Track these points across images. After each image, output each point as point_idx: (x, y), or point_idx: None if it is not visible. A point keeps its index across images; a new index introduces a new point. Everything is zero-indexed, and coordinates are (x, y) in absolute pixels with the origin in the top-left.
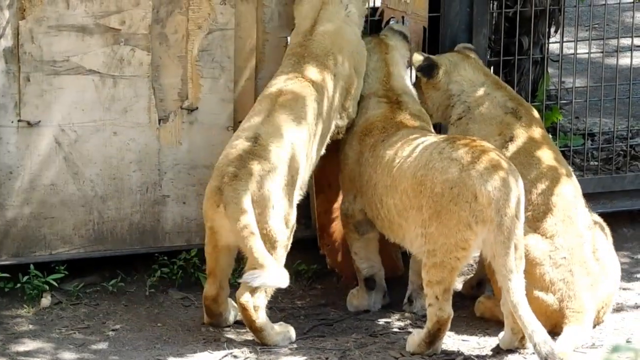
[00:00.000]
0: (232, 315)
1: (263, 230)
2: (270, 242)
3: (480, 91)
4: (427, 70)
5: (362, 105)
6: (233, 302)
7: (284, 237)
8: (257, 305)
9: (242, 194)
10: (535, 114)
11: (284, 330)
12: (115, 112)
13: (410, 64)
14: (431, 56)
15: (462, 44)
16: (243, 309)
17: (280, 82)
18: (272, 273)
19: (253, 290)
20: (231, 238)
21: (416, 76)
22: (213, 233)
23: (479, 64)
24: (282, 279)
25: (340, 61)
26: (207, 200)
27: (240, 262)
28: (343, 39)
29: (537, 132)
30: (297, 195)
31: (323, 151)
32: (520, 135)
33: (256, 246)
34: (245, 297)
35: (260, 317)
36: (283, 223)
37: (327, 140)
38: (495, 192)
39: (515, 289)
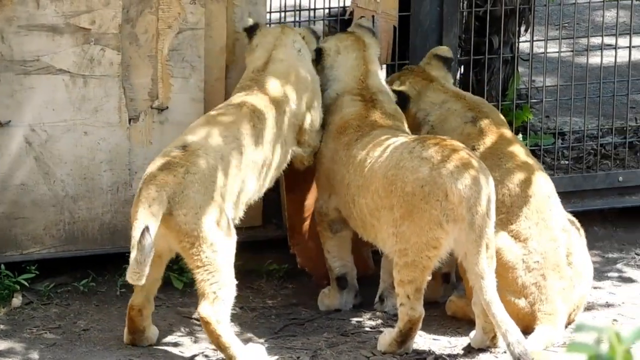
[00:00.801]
0: (156, 335)
1: (194, 232)
2: (206, 244)
3: (442, 109)
4: (402, 105)
5: (337, 104)
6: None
7: (220, 238)
8: (219, 318)
9: (155, 193)
10: (499, 116)
11: (255, 349)
12: (86, 112)
13: (381, 65)
14: (402, 89)
15: (436, 50)
16: (205, 323)
17: (223, 106)
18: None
19: (211, 302)
20: (162, 244)
21: None
22: None
23: (440, 84)
24: None
25: (291, 98)
26: (132, 206)
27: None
28: (296, 77)
29: (503, 134)
30: (231, 211)
31: (268, 182)
32: (484, 142)
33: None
34: (205, 310)
35: (226, 331)
36: (215, 225)
37: (275, 170)
38: (465, 191)
39: (487, 287)
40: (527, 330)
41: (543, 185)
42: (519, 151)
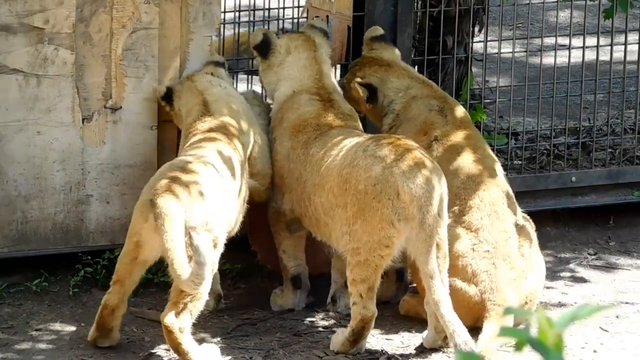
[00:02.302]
0: (118, 337)
1: (192, 245)
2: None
3: (407, 96)
4: (372, 98)
5: (294, 101)
6: None
7: (209, 256)
8: (182, 327)
9: (174, 206)
10: (462, 110)
11: (209, 349)
12: (39, 112)
13: (335, 65)
14: (367, 82)
15: (368, 34)
16: (168, 331)
17: (195, 141)
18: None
19: (178, 312)
20: (154, 252)
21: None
22: (137, 247)
23: (402, 69)
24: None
25: (242, 130)
26: (135, 214)
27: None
28: (237, 109)
29: (464, 127)
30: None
31: (236, 217)
32: (446, 133)
33: (177, 256)
34: (169, 319)
35: (186, 339)
36: (211, 243)
37: (242, 205)
38: (417, 190)
39: (437, 286)
40: (477, 322)
41: (498, 178)
42: (479, 144)
